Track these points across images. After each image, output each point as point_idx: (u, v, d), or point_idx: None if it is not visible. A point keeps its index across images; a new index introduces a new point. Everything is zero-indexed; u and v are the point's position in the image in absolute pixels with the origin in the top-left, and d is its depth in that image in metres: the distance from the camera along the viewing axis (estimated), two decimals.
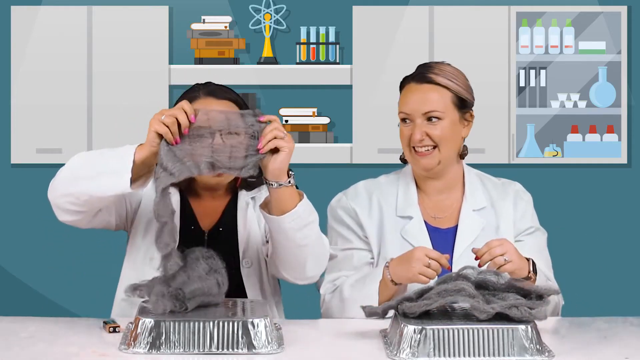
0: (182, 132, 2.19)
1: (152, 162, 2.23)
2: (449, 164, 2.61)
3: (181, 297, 2.07)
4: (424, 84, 2.56)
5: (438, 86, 2.56)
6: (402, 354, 1.95)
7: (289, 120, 5.40)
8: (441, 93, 2.56)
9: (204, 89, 2.57)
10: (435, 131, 2.55)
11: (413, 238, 2.58)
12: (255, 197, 2.61)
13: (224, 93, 2.56)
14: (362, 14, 5.40)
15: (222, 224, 2.58)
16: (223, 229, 2.57)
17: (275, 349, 2.01)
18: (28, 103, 5.37)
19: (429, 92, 2.56)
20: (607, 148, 5.41)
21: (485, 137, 5.25)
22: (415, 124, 2.55)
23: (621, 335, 2.20)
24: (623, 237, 5.45)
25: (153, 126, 2.20)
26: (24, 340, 2.12)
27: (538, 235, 2.66)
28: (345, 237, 2.63)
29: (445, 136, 2.55)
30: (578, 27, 5.43)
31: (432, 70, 2.58)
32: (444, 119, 2.55)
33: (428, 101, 2.55)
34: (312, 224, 2.37)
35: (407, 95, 2.58)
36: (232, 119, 2.21)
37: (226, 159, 2.19)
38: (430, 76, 2.56)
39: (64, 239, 5.18)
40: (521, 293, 2.08)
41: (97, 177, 2.25)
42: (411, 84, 2.59)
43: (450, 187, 2.65)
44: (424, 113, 2.55)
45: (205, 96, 2.54)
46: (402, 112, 2.58)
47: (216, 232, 2.57)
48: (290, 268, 2.44)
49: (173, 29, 5.45)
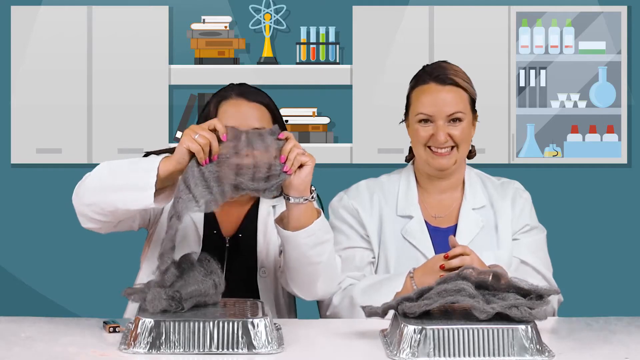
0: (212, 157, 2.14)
1: (177, 176, 2.17)
2: (461, 164, 2.64)
3: (177, 298, 2.06)
4: (447, 85, 2.58)
5: (458, 88, 2.58)
6: (402, 354, 1.95)
7: (289, 120, 5.40)
8: (461, 94, 2.58)
9: (236, 89, 2.53)
10: (456, 132, 2.57)
11: (413, 237, 2.59)
12: (277, 206, 2.59)
13: (255, 96, 2.52)
14: (362, 14, 5.40)
15: (242, 231, 2.56)
16: (243, 236, 2.55)
17: (275, 349, 2.01)
18: (28, 103, 5.37)
19: (451, 94, 2.57)
20: (607, 148, 5.41)
21: (485, 137, 5.19)
22: (438, 125, 2.56)
23: (621, 335, 2.20)
24: (623, 237, 5.45)
25: (185, 143, 2.13)
26: (24, 340, 2.12)
27: (535, 233, 2.66)
28: (348, 236, 2.63)
29: (465, 137, 2.59)
30: (578, 27, 5.43)
31: (450, 72, 2.59)
32: (464, 120, 2.58)
33: (452, 103, 2.56)
34: (327, 242, 2.34)
35: (427, 96, 2.58)
36: (253, 139, 2.17)
37: (250, 181, 2.15)
38: (452, 78, 2.58)
39: (64, 238, 5.18)
40: (521, 293, 2.08)
41: (121, 190, 2.19)
42: (431, 85, 2.59)
43: (451, 187, 2.66)
44: (448, 115, 2.56)
45: (237, 97, 2.51)
46: (422, 113, 2.58)
47: (236, 239, 2.55)
48: (301, 284, 2.41)
49: (173, 29, 5.45)
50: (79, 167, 5.36)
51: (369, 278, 2.56)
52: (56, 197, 5.33)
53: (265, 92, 2.55)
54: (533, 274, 2.58)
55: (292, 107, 5.43)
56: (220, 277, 2.16)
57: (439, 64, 2.64)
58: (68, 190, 5.81)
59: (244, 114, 2.48)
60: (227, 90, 2.54)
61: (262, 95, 2.54)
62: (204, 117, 2.52)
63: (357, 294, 2.51)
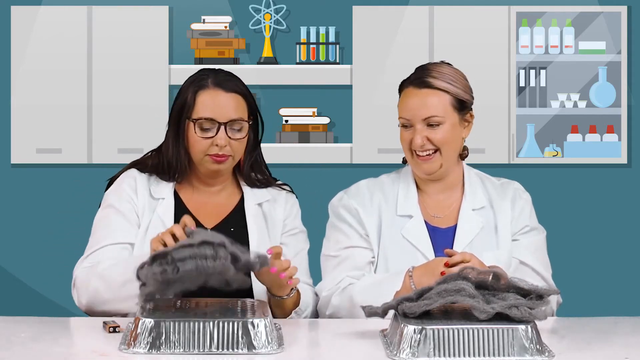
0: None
1: None
2: (450, 166, 2.62)
3: (170, 261, 2.06)
4: (423, 89, 2.56)
5: (437, 90, 2.56)
6: (402, 354, 1.95)
7: (289, 120, 5.40)
8: (440, 97, 2.56)
9: (212, 77, 2.55)
10: (436, 135, 2.55)
11: (413, 237, 2.58)
12: (263, 205, 2.62)
13: (232, 84, 2.54)
14: (362, 14, 5.40)
15: (229, 225, 2.57)
16: (235, 230, 2.56)
17: (275, 349, 2.01)
18: (28, 103, 5.37)
19: (428, 97, 2.55)
20: (607, 148, 5.41)
21: (485, 137, 5.25)
22: (416, 129, 2.56)
23: (621, 335, 2.21)
24: (623, 237, 5.45)
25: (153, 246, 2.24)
26: (24, 340, 2.12)
27: (534, 234, 2.65)
28: (347, 235, 2.63)
29: (446, 140, 2.56)
30: (578, 27, 5.43)
31: (430, 74, 2.57)
32: (444, 123, 2.55)
33: (427, 106, 2.55)
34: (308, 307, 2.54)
35: (406, 101, 2.58)
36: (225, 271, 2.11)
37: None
38: (429, 80, 2.56)
39: (64, 238, 5.18)
40: (521, 293, 2.08)
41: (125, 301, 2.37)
42: (410, 89, 2.58)
43: (450, 187, 2.65)
44: (424, 119, 2.55)
45: (214, 87, 2.53)
46: (402, 117, 2.59)
47: (225, 232, 2.53)
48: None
49: (173, 29, 5.45)
50: (79, 167, 5.37)
51: (368, 277, 2.56)
52: (56, 197, 5.35)
53: (239, 78, 2.58)
54: (532, 275, 2.57)
55: (292, 107, 5.44)
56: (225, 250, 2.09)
57: (424, 66, 2.62)
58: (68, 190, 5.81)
59: (222, 105, 2.51)
60: (203, 79, 2.56)
61: (238, 84, 2.56)
62: (180, 106, 2.54)
63: (356, 293, 2.51)
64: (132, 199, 2.56)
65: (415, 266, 2.48)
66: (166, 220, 2.53)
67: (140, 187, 2.58)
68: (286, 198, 2.66)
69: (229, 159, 2.53)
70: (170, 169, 2.57)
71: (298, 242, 2.65)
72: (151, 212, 2.55)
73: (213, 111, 2.50)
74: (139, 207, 2.56)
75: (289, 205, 2.66)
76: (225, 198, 2.62)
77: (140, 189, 2.57)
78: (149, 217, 2.55)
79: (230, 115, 2.51)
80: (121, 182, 2.59)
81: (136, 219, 2.56)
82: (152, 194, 2.57)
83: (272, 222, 2.62)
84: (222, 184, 2.61)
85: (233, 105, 2.52)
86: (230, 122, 2.51)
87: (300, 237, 2.66)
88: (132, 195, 2.56)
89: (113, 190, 2.59)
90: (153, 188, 2.58)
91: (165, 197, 2.57)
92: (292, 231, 2.65)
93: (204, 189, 2.61)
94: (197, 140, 2.52)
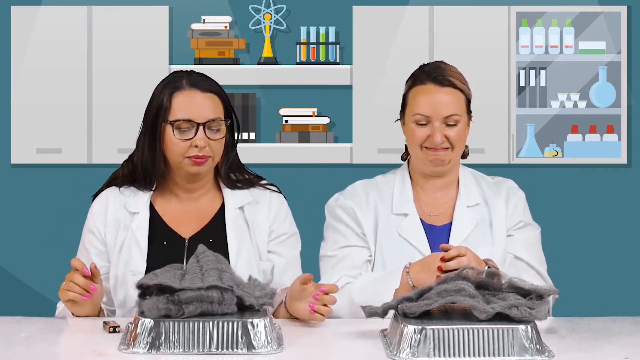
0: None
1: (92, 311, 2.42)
2: (455, 164, 2.65)
3: (177, 302, 2.05)
4: (445, 87, 2.58)
5: (456, 89, 2.59)
6: (402, 354, 1.95)
7: (289, 120, 5.40)
8: (458, 96, 2.59)
9: (187, 78, 2.52)
10: (453, 133, 2.58)
11: (409, 235, 2.60)
12: (244, 207, 2.57)
13: (208, 85, 2.52)
14: (362, 14, 5.40)
15: (208, 234, 2.53)
16: (213, 240, 2.50)
17: (275, 349, 2.00)
18: (28, 103, 5.37)
19: (449, 95, 2.58)
20: (607, 148, 5.41)
21: (485, 137, 5.25)
22: (434, 127, 2.57)
23: (621, 335, 2.21)
24: (623, 237, 5.45)
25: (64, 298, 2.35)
26: (24, 340, 2.12)
27: (529, 230, 2.67)
28: (344, 235, 2.64)
29: (460, 138, 2.60)
30: (578, 27, 5.43)
31: (448, 73, 2.60)
32: (460, 122, 2.58)
33: (449, 105, 2.57)
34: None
35: (425, 97, 2.58)
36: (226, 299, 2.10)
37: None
38: (450, 79, 2.58)
39: (64, 239, 5.17)
40: (521, 293, 2.08)
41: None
42: (429, 85, 2.59)
43: (447, 185, 2.68)
44: (445, 117, 2.56)
45: (189, 87, 2.50)
46: (419, 113, 2.58)
47: (201, 242, 2.43)
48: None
49: (173, 29, 5.45)
50: (79, 167, 5.37)
51: (366, 276, 2.57)
52: (56, 197, 5.35)
53: (212, 78, 2.56)
54: (527, 269, 2.60)
55: (292, 107, 5.44)
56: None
57: (437, 64, 2.63)
58: (68, 190, 5.81)
59: (199, 105, 2.49)
60: (178, 80, 2.53)
61: (213, 84, 2.54)
62: (155, 110, 2.53)
63: (355, 292, 2.52)
64: (99, 230, 2.54)
65: (412, 262, 2.49)
66: (139, 236, 2.50)
67: (112, 208, 2.54)
68: (270, 200, 2.59)
69: (208, 160, 2.48)
70: (147, 176, 2.53)
71: (289, 248, 2.60)
72: (127, 227, 2.52)
73: (190, 112, 2.47)
74: (108, 230, 2.53)
75: (274, 208, 2.59)
76: (207, 203, 2.57)
77: (112, 210, 2.54)
78: (124, 233, 2.52)
79: (207, 115, 2.47)
80: (92, 208, 2.58)
81: (101, 249, 2.54)
82: (127, 208, 2.54)
83: (255, 228, 2.56)
84: (203, 188, 2.56)
85: (210, 105, 2.49)
86: (209, 122, 2.47)
87: (291, 242, 2.61)
88: (99, 224, 2.54)
89: (87, 218, 2.58)
90: (129, 201, 2.54)
91: (140, 212, 2.52)
92: (281, 238, 2.59)
93: (183, 195, 2.55)
94: (175, 143, 2.47)
